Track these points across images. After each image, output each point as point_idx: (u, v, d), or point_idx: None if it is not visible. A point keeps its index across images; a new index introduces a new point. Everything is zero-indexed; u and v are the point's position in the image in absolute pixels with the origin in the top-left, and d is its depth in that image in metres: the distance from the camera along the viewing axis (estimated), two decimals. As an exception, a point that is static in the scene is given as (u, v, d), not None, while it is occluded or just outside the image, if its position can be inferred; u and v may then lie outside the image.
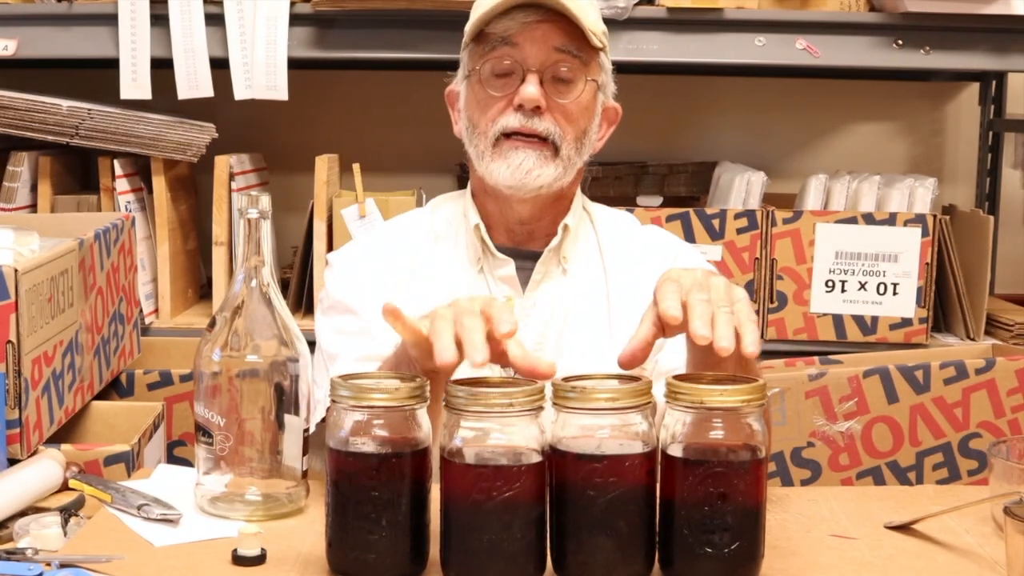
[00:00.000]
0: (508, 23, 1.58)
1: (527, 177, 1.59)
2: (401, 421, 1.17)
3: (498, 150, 1.60)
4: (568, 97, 1.60)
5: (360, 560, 1.16)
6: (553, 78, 1.59)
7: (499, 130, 1.59)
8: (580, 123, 1.62)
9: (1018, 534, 1.13)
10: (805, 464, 2.14)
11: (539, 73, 1.58)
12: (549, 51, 1.58)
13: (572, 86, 1.60)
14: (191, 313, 2.58)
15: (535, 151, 1.59)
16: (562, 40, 1.58)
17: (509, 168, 1.59)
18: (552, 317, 1.66)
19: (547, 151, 1.60)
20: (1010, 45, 2.37)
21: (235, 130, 2.59)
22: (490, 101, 1.60)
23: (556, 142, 1.60)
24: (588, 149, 1.65)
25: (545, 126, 1.59)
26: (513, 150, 1.59)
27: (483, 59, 1.61)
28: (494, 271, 1.67)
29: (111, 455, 1.58)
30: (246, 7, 2.31)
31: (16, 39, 2.33)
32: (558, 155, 1.60)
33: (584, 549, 1.14)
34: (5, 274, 1.51)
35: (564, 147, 1.60)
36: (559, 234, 1.67)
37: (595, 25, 1.62)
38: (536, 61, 1.58)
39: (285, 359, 1.35)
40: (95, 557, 1.21)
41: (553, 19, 1.58)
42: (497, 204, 1.67)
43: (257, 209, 1.35)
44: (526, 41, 1.58)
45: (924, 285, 2.42)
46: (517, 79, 1.59)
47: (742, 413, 1.15)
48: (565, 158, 1.61)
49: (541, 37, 1.58)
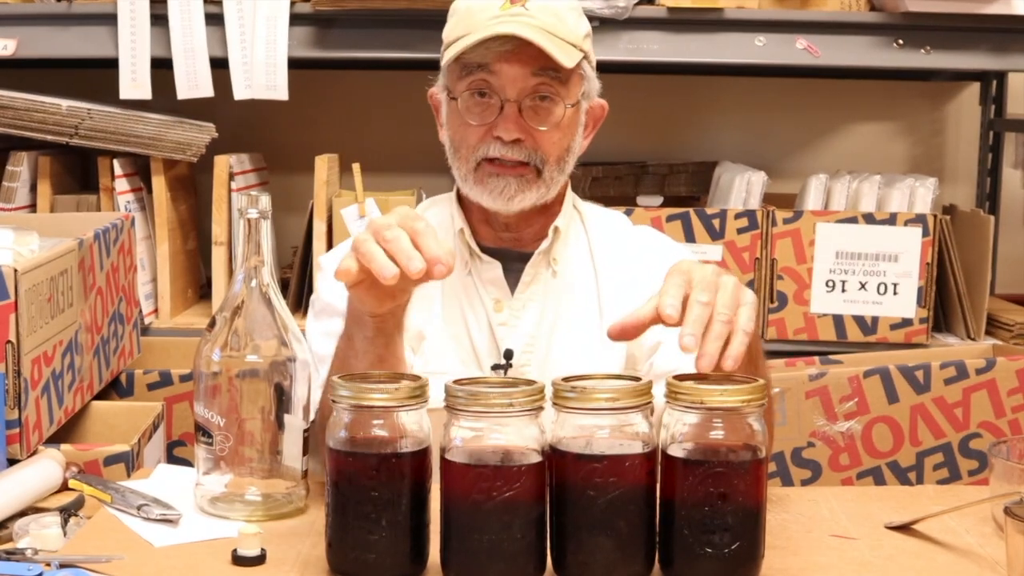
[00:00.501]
0: (483, 52, 1.56)
1: (510, 203, 1.60)
2: (401, 421, 1.17)
3: (479, 176, 1.60)
4: (548, 123, 1.58)
5: (360, 560, 1.16)
6: (532, 103, 1.58)
7: (479, 157, 1.59)
8: (562, 143, 1.61)
9: (1018, 534, 1.13)
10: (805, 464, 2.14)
11: (517, 102, 1.57)
12: (526, 77, 1.57)
13: (551, 111, 1.58)
14: (191, 313, 2.58)
15: (516, 177, 1.59)
16: (539, 64, 1.56)
17: (491, 195, 1.59)
18: (542, 319, 1.65)
19: (528, 175, 1.59)
20: (1010, 45, 2.37)
21: (235, 130, 2.59)
22: (469, 129, 1.59)
23: (538, 166, 1.59)
24: (573, 160, 1.64)
25: (525, 155, 1.58)
26: (494, 177, 1.59)
27: (461, 83, 1.59)
28: (481, 274, 1.66)
29: (111, 455, 1.58)
30: (246, 7, 2.31)
31: (16, 39, 2.33)
32: (540, 177, 1.60)
33: (584, 549, 1.14)
34: (5, 274, 1.51)
35: (546, 169, 1.60)
36: (549, 236, 1.66)
37: (574, 34, 1.59)
38: (513, 90, 1.57)
39: (285, 359, 1.35)
40: (95, 557, 1.20)
41: (528, 43, 1.54)
42: (483, 210, 1.66)
43: (257, 209, 1.35)
44: (503, 69, 1.56)
45: (924, 285, 2.42)
46: (495, 107, 1.57)
47: (742, 413, 1.15)
48: (548, 179, 1.60)
49: (518, 63, 1.56)
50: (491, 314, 1.65)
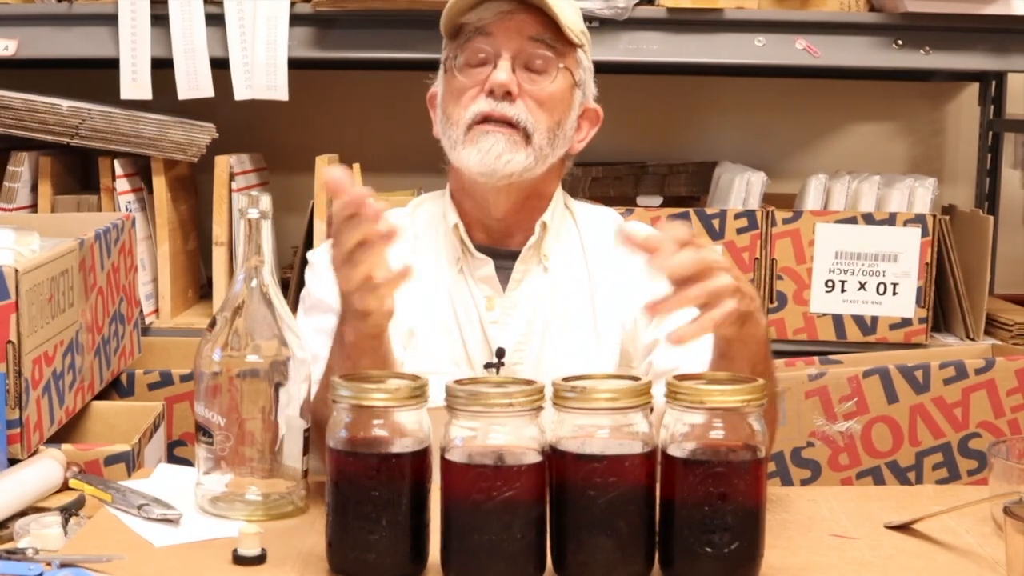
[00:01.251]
0: (483, 13, 1.59)
1: (497, 162, 1.58)
2: (401, 421, 1.17)
3: (470, 136, 1.59)
4: (541, 84, 1.60)
5: (360, 560, 1.16)
6: (526, 66, 1.60)
7: (471, 117, 1.59)
8: (554, 113, 1.62)
9: (1018, 534, 1.13)
10: (805, 464, 2.14)
11: (511, 60, 1.59)
12: (523, 40, 1.59)
13: (545, 75, 1.61)
14: (191, 313, 2.58)
15: (505, 135, 1.59)
16: (537, 30, 1.59)
17: (479, 153, 1.58)
18: (535, 316, 1.65)
19: (517, 136, 1.59)
20: (1010, 45, 2.37)
21: (235, 130, 2.59)
22: (463, 89, 1.61)
23: (528, 128, 1.59)
24: (562, 143, 1.64)
25: (516, 111, 1.59)
26: (483, 135, 1.59)
27: (458, 50, 1.62)
28: (474, 271, 1.66)
29: (111, 455, 1.58)
30: (246, 7, 2.31)
31: (16, 39, 2.33)
32: (529, 143, 1.60)
33: (584, 549, 1.14)
34: (5, 274, 1.51)
35: (536, 136, 1.60)
36: (536, 232, 1.66)
37: (572, 21, 1.62)
38: (509, 48, 1.59)
39: (286, 359, 1.35)
40: (95, 557, 1.21)
41: (528, 10, 1.59)
42: (474, 201, 1.66)
43: (257, 209, 1.35)
44: (500, 30, 1.59)
45: (924, 285, 2.42)
46: (490, 67, 1.60)
47: (742, 413, 1.15)
48: (537, 147, 1.60)
49: (515, 27, 1.59)
50: (483, 312, 1.65)
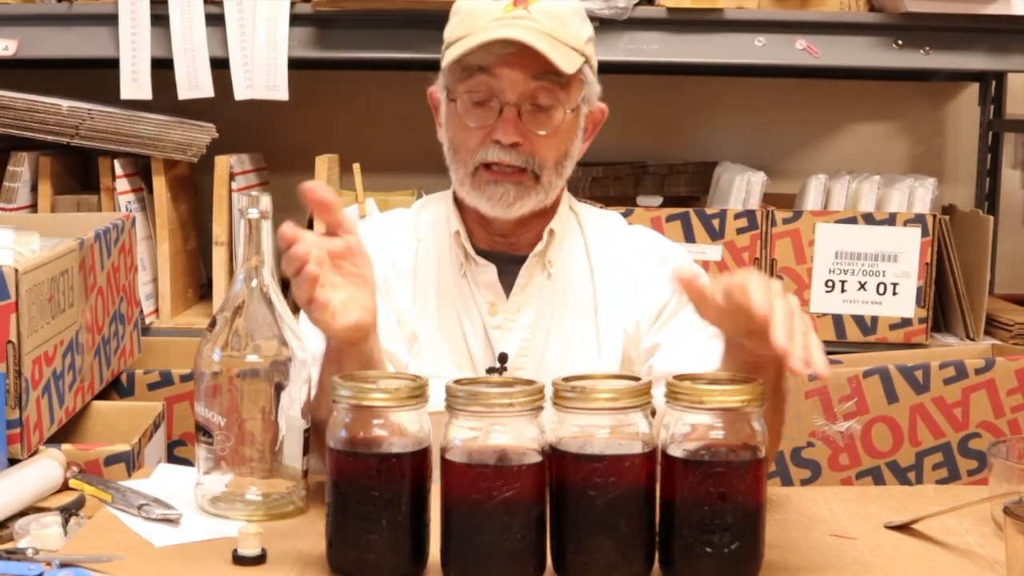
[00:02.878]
0: (484, 55, 1.55)
1: (509, 210, 1.59)
2: (401, 421, 1.17)
3: (477, 181, 1.59)
4: (547, 127, 1.58)
5: (360, 560, 1.16)
6: (532, 107, 1.57)
7: (478, 161, 1.58)
8: (560, 148, 1.60)
9: (1018, 534, 1.13)
10: (805, 464, 2.14)
11: (517, 105, 1.56)
12: (527, 80, 1.56)
13: (551, 114, 1.58)
14: (191, 313, 2.58)
15: (514, 183, 1.58)
16: (539, 68, 1.55)
17: (490, 201, 1.59)
18: (537, 322, 1.64)
19: (527, 180, 1.59)
20: (1010, 45, 2.37)
21: (235, 130, 2.59)
22: (469, 132, 1.59)
23: (536, 171, 1.58)
24: (571, 165, 1.64)
25: (523, 160, 1.57)
26: (492, 184, 1.58)
27: (461, 84, 1.58)
28: (476, 277, 1.66)
29: (111, 455, 1.58)
30: (246, 7, 2.31)
31: (16, 39, 2.33)
32: (539, 182, 1.59)
33: (584, 549, 1.14)
34: (5, 274, 1.51)
35: (544, 175, 1.59)
36: (544, 239, 1.65)
37: (576, 38, 1.58)
38: (513, 93, 1.56)
39: (286, 359, 1.35)
40: (95, 557, 1.21)
41: (530, 49, 1.53)
42: (479, 213, 1.65)
43: (257, 209, 1.35)
44: (503, 72, 1.55)
45: (924, 285, 2.42)
46: (495, 110, 1.57)
47: (742, 413, 1.15)
48: (546, 184, 1.60)
49: (519, 66, 1.55)
50: (486, 317, 1.64)
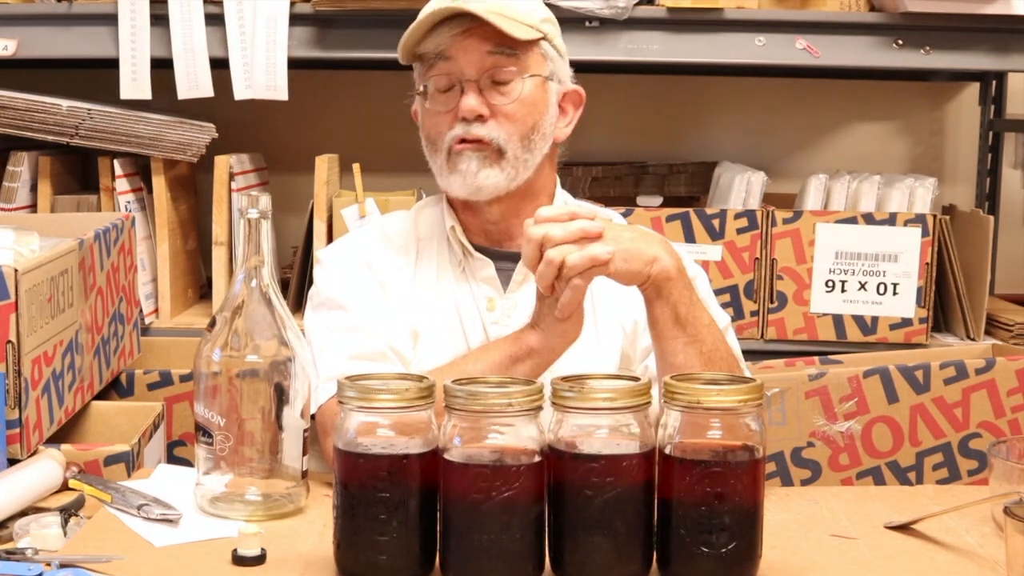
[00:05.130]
0: (438, 39, 1.61)
1: (475, 180, 1.61)
2: (410, 422, 1.17)
3: (451, 164, 1.63)
4: (508, 97, 1.61)
5: (371, 562, 1.16)
6: (492, 82, 1.61)
7: (449, 143, 1.62)
8: (527, 120, 1.63)
9: (1018, 534, 1.13)
10: (805, 464, 2.13)
11: (476, 81, 1.60)
12: (483, 56, 1.60)
13: (511, 86, 1.62)
14: (191, 313, 2.58)
15: (476, 154, 1.61)
16: (494, 42, 1.60)
17: (460, 175, 1.62)
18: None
19: (488, 153, 1.61)
20: (1010, 45, 2.37)
21: (235, 130, 2.59)
22: (438, 118, 1.63)
23: (499, 144, 1.61)
24: (543, 142, 1.65)
25: (486, 131, 1.61)
26: (458, 157, 1.62)
27: (425, 77, 1.64)
28: (475, 273, 1.68)
29: (111, 455, 1.58)
30: (246, 7, 2.31)
31: (16, 39, 2.33)
32: (503, 156, 1.61)
33: (582, 549, 1.14)
34: (5, 274, 1.51)
35: (510, 148, 1.62)
36: None
37: (528, 17, 1.63)
38: (472, 70, 1.60)
39: (285, 359, 1.35)
40: (95, 557, 1.21)
41: (481, 24, 1.59)
42: (469, 208, 1.69)
43: (257, 209, 1.35)
44: (459, 52, 1.60)
45: (924, 285, 2.42)
46: (458, 91, 1.61)
47: (739, 413, 1.15)
48: (512, 158, 1.62)
49: (473, 46, 1.60)
50: (484, 313, 1.66)
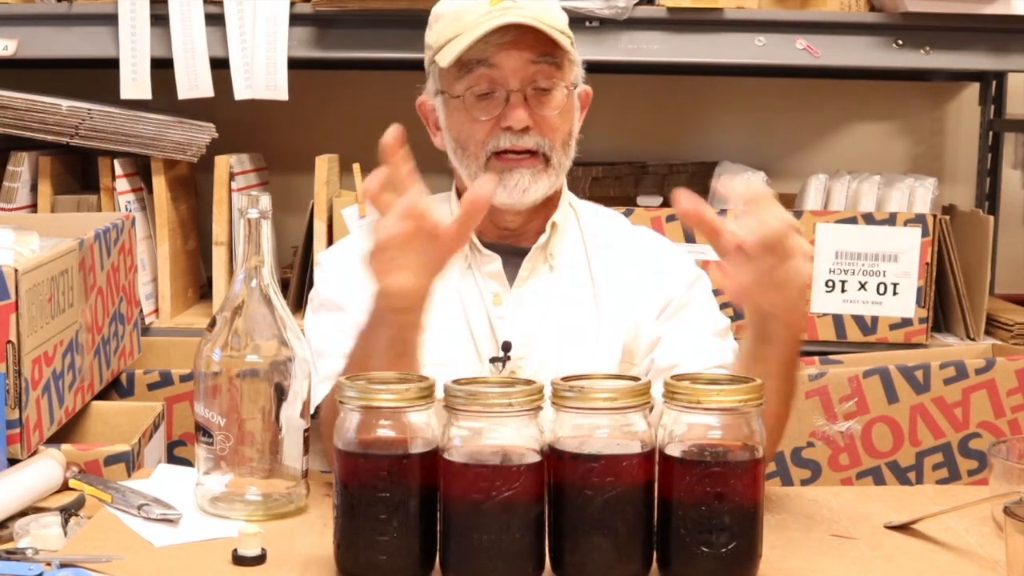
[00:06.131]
0: (482, 47, 1.59)
1: (524, 196, 1.62)
2: (410, 421, 1.17)
3: (490, 171, 1.61)
4: (551, 107, 1.61)
5: (371, 562, 1.16)
6: (534, 91, 1.61)
7: (490, 151, 1.61)
8: (564, 127, 1.64)
9: (1018, 534, 1.13)
10: (805, 464, 2.14)
11: (522, 91, 1.60)
12: (526, 65, 1.60)
13: (552, 95, 1.62)
14: (191, 313, 2.58)
15: (528, 168, 1.61)
16: (537, 51, 1.60)
17: (506, 189, 1.61)
18: (540, 313, 1.66)
19: (539, 164, 1.62)
20: (1010, 45, 2.37)
21: (235, 130, 2.59)
22: (476, 125, 1.62)
23: (547, 153, 1.62)
24: (574, 145, 1.68)
25: (535, 141, 1.61)
26: (507, 171, 1.61)
27: (461, 82, 1.62)
28: (481, 267, 1.68)
29: (111, 455, 1.58)
30: (246, 7, 2.31)
31: (16, 39, 2.33)
32: (549, 164, 1.63)
33: (582, 549, 1.14)
34: (5, 274, 1.51)
35: (554, 156, 1.63)
36: (547, 231, 1.68)
37: (562, 23, 1.63)
38: (517, 80, 1.60)
39: (285, 359, 1.35)
40: (95, 557, 1.21)
41: (524, 32, 1.58)
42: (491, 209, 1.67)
43: (257, 209, 1.35)
44: (504, 60, 1.59)
45: (924, 285, 2.42)
46: (500, 100, 1.60)
47: (740, 413, 1.15)
48: (556, 165, 1.63)
49: (517, 54, 1.59)
50: (490, 307, 1.66)
